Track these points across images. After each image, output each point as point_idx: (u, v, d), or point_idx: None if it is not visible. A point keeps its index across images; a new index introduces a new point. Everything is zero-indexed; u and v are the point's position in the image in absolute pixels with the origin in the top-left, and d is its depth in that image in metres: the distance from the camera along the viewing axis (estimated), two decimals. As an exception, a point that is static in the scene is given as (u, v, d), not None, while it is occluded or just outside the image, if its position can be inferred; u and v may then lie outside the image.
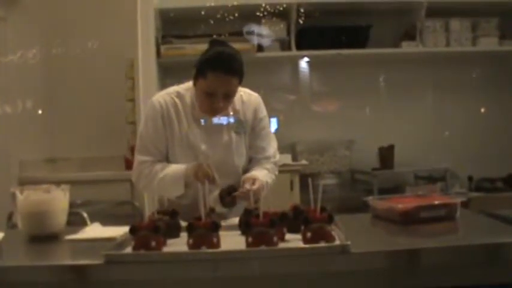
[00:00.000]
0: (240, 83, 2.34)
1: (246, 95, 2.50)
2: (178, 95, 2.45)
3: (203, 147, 2.41)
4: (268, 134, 2.56)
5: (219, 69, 2.25)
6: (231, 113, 2.46)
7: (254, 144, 2.51)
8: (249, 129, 2.49)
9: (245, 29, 4.30)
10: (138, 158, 2.44)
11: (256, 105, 2.52)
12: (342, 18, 4.46)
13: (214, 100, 2.30)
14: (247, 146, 2.50)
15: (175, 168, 2.35)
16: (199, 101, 2.37)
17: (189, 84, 2.45)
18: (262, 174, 2.42)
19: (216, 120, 2.45)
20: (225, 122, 2.46)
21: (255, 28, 4.31)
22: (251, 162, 2.52)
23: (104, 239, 1.88)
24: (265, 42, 4.37)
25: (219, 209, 2.30)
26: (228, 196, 2.31)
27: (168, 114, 2.41)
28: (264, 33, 4.36)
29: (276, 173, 2.57)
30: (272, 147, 2.56)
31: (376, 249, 1.66)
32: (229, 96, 2.33)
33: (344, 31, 4.42)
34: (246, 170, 2.49)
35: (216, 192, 2.33)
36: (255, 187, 2.24)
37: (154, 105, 2.43)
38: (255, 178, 2.33)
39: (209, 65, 2.26)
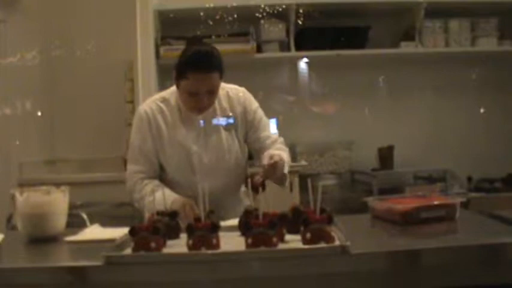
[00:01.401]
0: (221, 77, 2.36)
1: (232, 91, 2.51)
2: (164, 100, 2.47)
3: (194, 148, 2.42)
4: (266, 123, 2.58)
5: (198, 68, 2.27)
6: (230, 114, 2.47)
7: (257, 136, 2.52)
8: (243, 124, 2.50)
9: (244, 30, 4.30)
10: (130, 167, 2.48)
11: (245, 99, 2.53)
12: (341, 19, 4.46)
13: (198, 99, 2.32)
14: (240, 141, 2.51)
15: (164, 196, 2.23)
16: (183, 101, 2.39)
17: (174, 87, 2.47)
18: (277, 152, 2.42)
19: (215, 121, 2.46)
20: (224, 123, 2.47)
21: (254, 29, 4.31)
22: (260, 152, 2.50)
23: (104, 241, 1.88)
24: (265, 43, 4.37)
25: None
26: (256, 184, 2.28)
27: (155, 121, 2.43)
28: (263, 34, 4.36)
29: (287, 150, 2.57)
30: (273, 132, 2.60)
31: (376, 250, 1.66)
32: (212, 92, 2.35)
33: (343, 32, 4.42)
34: (256, 159, 2.53)
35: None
36: (273, 160, 2.24)
37: (141, 115, 2.45)
38: (272, 154, 2.32)
39: (188, 66, 2.28)
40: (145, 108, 2.46)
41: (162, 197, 2.23)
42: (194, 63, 2.28)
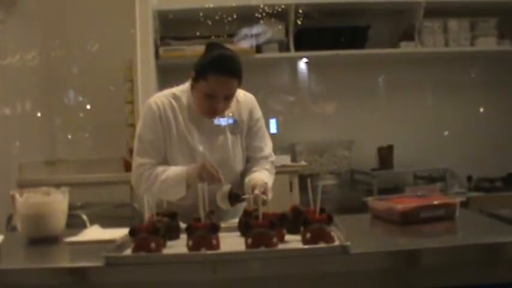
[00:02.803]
0: (240, 84, 2.35)
1: (240, 96, 2.50)
2: (174, 96, 2.45)
3: (200, 148, 2.41)
4: (264, 134, 2.58)
5: (221, 71, 2.26)
6: (230, 114, 2.47)
7: (251, 144, 2.52)
8: (246, 129, 2.50)
9: (243, 30, 4.30)
10: (138, 160, 2.42)
11: (252, 105, 2.53)
12: (341, 18, 4.46)
13: (214, 102, 2.31)
14: (243, 146, 2.50)
15: (176, 169, 2.35)
16: (198, 103, 2.37)
17: (185, 86, 2.46)
18: (267, 178, 2.43)
19: (216, 121, 2.45)
20: (224, 123, 2.46)
21: (253, 29, 4.31)
22: (249, 162, 2.53)
23: (104, 241, 1.88)
24: (264, 43, 4.37)
25: (226, 206, 2.30)
26: (236, 199, 2.29)
27: (165, 116, 2.41)
28: (262, 34, 4.36)
29: (274, 172, 2.59)
30: (269, 147, 2.58)
31: (375, 250, 1.66)
32: (229, 98, 2.34)
33: (342, 32, 4.42)
34: (245, 170, 2.50)
35: (226, 188, 2.32)
36: (267, 197, 2.20)
37: (152, 107, 2.42)
38: (266, 186, 2.30)
39: (211, 68, 2.26)
40: (157, 102, 2.43)
41: (174, 172, 2.31)
42: (218, 66, 2.26)
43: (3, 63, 4.08)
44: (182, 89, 2.47)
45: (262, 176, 2.42)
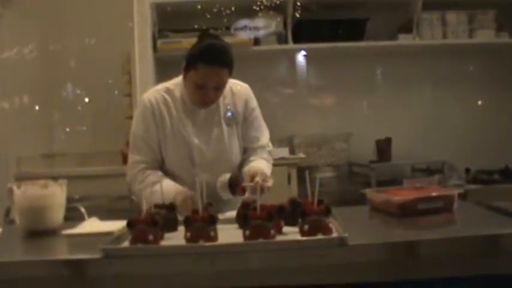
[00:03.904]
0: (230, 75, 2.34)
1: (235, 86, 2.50)
2: (168, 90, 2.45)
3: (196, 141, 2.41)
4: (260, 124, 2.57)
5: (210, 61, 2.24)
6: (228, 107, 2.47)
7: (248, 134, 2.52)
8: (241, 120, 2.50)
9: (242, 22, 4.29)
10: (131, 157, 2.45)
11: (247, 95, 2.52)
12: (339, 11, 4.46)
13: (205, 92, 2.30)
14: (239, 137, 2.50)
15: (166, 187, 2.27)
16: (189, 93, 2.37)
17: (178, 79, 2.45)
18: (266, 168, 2.44)
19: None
20: (222, 115, 2.46)
21: (251, 22, 4.30)
22: (246, 152, 2.54)
23: (102, 234, 1.88)
24: (262, 35, 4.36)
25: (227, 195, 2.30)
26: (238, 186, 2.29)
27: (159, 111, 2.41)
28: (260, 26, 4.35)
29: (272, 162, 2.59)
30: (265, 136, 2.58)
31: (373, 242, 1.66)
32: (220, 88, 2.33)
33: (341, 24, 4.42)
34: (242, 161, 2.50)
35: (225, 177, 2.31)
36: (268, 184, 2.22)
37: (145, 104, 2.43)
38: (266, 174, 2.31)
39: (200, 58, 2.25)
40: (150, 97, 2.43)
41: (164, 189, 2.25)
42: (206, 56, 2.25)
43: (0, 57, 4.07)
44: (176, 82, 2.47)
45: (260, 165, 2.43)
